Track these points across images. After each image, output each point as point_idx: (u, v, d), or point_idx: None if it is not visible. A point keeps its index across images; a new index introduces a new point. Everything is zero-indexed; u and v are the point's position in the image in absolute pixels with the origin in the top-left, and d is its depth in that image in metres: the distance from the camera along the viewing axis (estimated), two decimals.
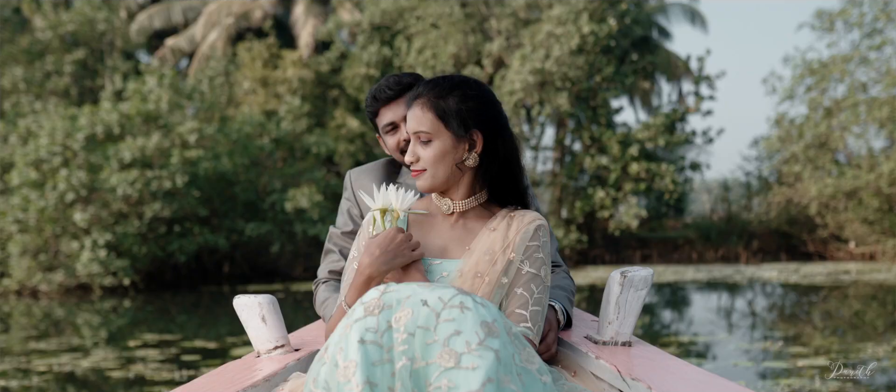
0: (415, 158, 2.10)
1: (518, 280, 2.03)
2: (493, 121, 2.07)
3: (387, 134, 2.63)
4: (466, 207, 2.13)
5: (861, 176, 20.46)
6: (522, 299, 2.01)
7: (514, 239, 2.04)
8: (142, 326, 11.45)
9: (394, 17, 21.55)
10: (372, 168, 2.81)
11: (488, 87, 2.12)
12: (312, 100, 21.80)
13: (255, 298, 2.27)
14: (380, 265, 2.01)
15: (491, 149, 2.07)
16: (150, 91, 17.38)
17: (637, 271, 2.19)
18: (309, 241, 19.20)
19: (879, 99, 20.41)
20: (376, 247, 2.03)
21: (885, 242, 20.94)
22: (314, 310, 2.81)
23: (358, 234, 2.25)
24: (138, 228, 16.86)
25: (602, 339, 2.21)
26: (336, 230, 2.81)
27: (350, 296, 2.06)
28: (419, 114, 2.08)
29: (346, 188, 2.84)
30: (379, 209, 2.11)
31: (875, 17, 20.54)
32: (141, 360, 8.07)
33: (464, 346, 1.59)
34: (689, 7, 25.28)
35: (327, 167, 21.41)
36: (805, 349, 7.75)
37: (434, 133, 2.06)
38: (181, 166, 17.01)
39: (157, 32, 25.88)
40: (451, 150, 2.06)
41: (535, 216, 2.10)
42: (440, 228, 2.16)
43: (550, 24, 19.52)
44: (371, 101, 2.64)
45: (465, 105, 2.05)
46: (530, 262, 2.04)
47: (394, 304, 1.67)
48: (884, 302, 12.39)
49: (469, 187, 2.12)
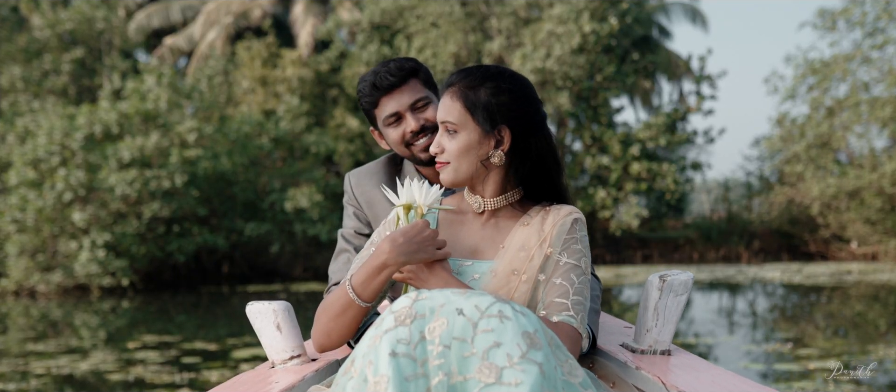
0: (440, 150, 1.99)
1: (556, 271, 1.91)
2: (526, 118, 1.95)
3: (389, 126, 2.44)
4: (498, 206, 2.01)
5: (863, 176, 20.40)
6: (562, 289, 1.89)
7: (550, 232, 1.93)
8: (141, 327, 11.34)
9: (394, 16, 21.45)
10: (372, 169, 2.63)
11: (526, 82, 1.99)
12: (312, 99, 21.68)
13: (269, 305, 2.14)
14: (399, 254, 1.87)
15: (521, 147, 1.95)
16: (149, 90, 17.29)
17: (677, 275, 2.06)
18: (309, 241, 19.12)
19: (881, 98, 20.33)
20: (401, 234, 1.89)
21: (887, 242, 20.87)
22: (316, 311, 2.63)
23: (378, 230, 2.13)
24: (137, 228, 16.76)
25: (640, 348, 2.09)
26: (348, 230, 2.62)
27: (358, 276, 1.92)
28: (448, 103, 1.97)
29: (346, 192, 2.66)
30: (403, 205, 1.99)
31: (877, 17, 20.45)
32: (140, 362, 7.96)
33: (505, 360, 1.48)
34: (690, 6, 25.21)
35: (327, 167, 21.31)
36: (814, 351, 7.64)
37: (460, 125, 1.94)
38: (180, 166, 16.92)
39: (156, 31, 25.79)
40: (476, 145, 1.94)
41: (572, 209, 1.98)
42: (471, 228, 2.04)
43: (551, 23, 19.44)
44: (370, 90, 2.42)
45: (495, 99, 1.93)
46: (568, 254, 1.93)
47: (427, 314, 1.55)
48: (885, 302, 12.31)
49: (499, 185, 2.00)
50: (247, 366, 7.46)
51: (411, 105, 2.41)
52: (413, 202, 1.98)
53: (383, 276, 1.90)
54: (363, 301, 1.92)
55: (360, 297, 1.92)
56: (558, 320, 1.86)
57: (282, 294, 15.39)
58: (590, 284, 1.98)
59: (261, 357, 7.90)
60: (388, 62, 2.41)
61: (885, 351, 7.56)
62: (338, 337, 1.98)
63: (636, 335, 2.14)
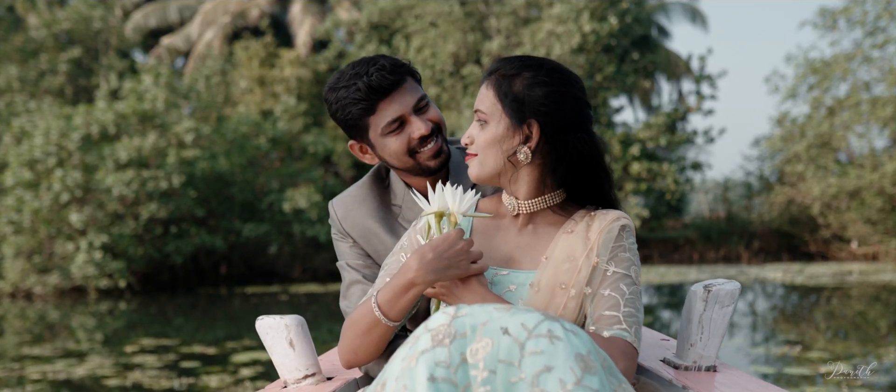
0: (469, 140, 1.85)
1: (604, 282, 1.77)
2: (560, 115, 1.79)
3: (389, 135, 2.10)
4: (534, 209, 1.86)
5: (864, 175, 20.32)
6: (612, 300, 1.74)
7: (596, 241, 1.79)
8: (138, 329, 11.23)
9: (392, 16, 21.34)
10: (357, 195, 2.31)
11: (570, 76, 1.84)
12: (310, 99, 21.58)
13: (281, 320, 1.98)
14: (428, 272, 1.72)
15: (555, 146, 1.79)
16: (146, 90, 17.19)
17: (722, 285, 1.92)
18: (307, 242, 19.03)
19: (882, 98, 20.25)
20: (430, 249, 1.74)
21: (888, 243, 20.78)
22: (317, 314, 2.46)
23: (408, 233, 1.97)
24: (134, 229, 16.66)
25: (683, 364, 1.94)
26: (351, 259, 2.27)
27: (385, 294, 1.78)
28: (483, 91, 1.84)
29: (333, 223, 2.32)
30: (433, 213, 1.83)
31: (878, 15, 20.35)
32: (138, 366, 7.83)
33: (557, 386, 1.33)
34: (690, 6, 25.11)
35: (325, 167, 21.21)
36: (824, 354, 7.53)
37: (490, 115, 1.82)
38: (178, 166, 16.83)
39: (153, 31, 25.67)
40: (502, 138, 1.80)
41: (619, 214, 1.83)
42: (506, 234, 1.89)
43: (551, 23, 19.34)
44: (366, 94, 2.07)
45: (528, 91, 1.79)
46: (616, 263, 1.78)
47: (468, 332, 1.41)
48: (887, 303, 12.24)
49: (534, 186, 1.84)
50: (247, 371, 7.33)
51: (414, 106, 2.12)
52: (445, 209, 1.82)
53: (411, 295, 1.76)
54: (390, 320, 1.79)
55: (387, 316, 1.79)
56: (610, 335, 1.72)
57: (283, 296, 15.29)
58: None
59: (261, 361, 7.78)
60: (375, 59, 2.11)
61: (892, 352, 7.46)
62: (365, 355, 1.85)
63: (678, 350, 1.99)
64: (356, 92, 2.08)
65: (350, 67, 2.13)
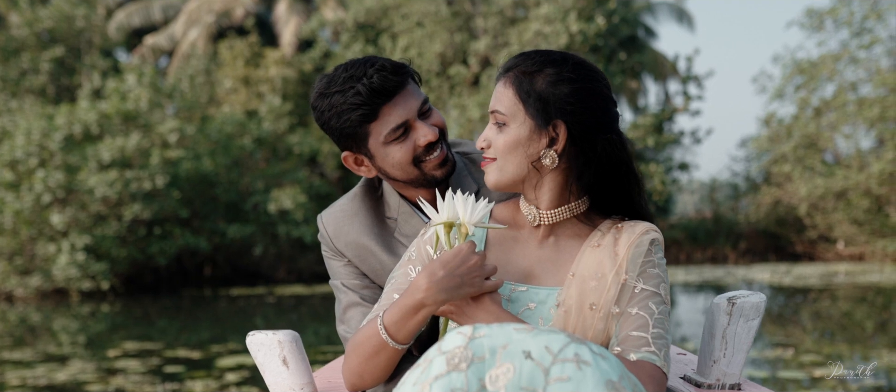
0: (486, 144, 1.71)
1: (632, 300, 1.63)
2: (588, 114, 1.65)
3: (392, 143, 1.93)
4: (557, 219, 1.71)
5: (850, 176, 20.35)
6: (640, 320, 1.61)
7: (625, 256, 1.65)
8: (121, 332, 11.07)
9: (378, 15, 21.22)
10: (348, 209, 2.12)
11: (596, 73, 1.70)
12: (295, 99, 21.45)
13: (274, 336, 1.84)
14: (439, 291, 1.58)
15: (582, 149, 1.66)
16: (130, 90, 17.05)
17: (747, 297, 1.79)
18: (292, 243, 18.92)
19: (869, 98, 20.30)
20: (441, 266, 1.59)
21: (874, 243, 20.83)
22: (304, 316, 2.29)
23: (416, 243, 1.82)
24: (117, 231, 16.48)
25: (706, 382, 1.82)
26: (346, 279, 2.09)
27: (391, 315, 1.64)
28: (501, 90, 1.69)
29: (324, 240, 2.14)
30: (443, 223, 1.67)
31: (864, 16, 20.41)
32: (121, 371, 7.67)
33: None
34: (676, 6, 25.09)
35: (310, 168, 21.07)
36: (817, 357, 7.46)
37: (511, 116, 1.67)
38: (161, 167, 16.67)
39: (136, 30, 25.46)
40: (525, 142, 1.66)
41: (648, 227, 1.70)
42: (526, 246, 1.74)
43: (538, 23, 19.24)
44: (368, 97, 1.88)
45: (554, 89, 1.65)
46: (645, 279, 1.64)
47: (487, 356, 1.28)
48: (873, 303, 12.24)
49: (558, 193, 1.70)
50: (233, 376, 7.19)
51: (419, 110, 1.95)
52: (455, 219, 1.66)
53: (421, 317, 1.62)
54: (398, 343, 1.65)
55: (394, 338, 1.65)
56: (638, 359, 1.58)
57: (269, 298, 15.15)
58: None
59: (247, 365, 7.64)
60: (366, 62, 1.93)
61: (891, 356, 7.38)
62: (371, 379, 1.71)
63: (700, 366, 1.87)
64: (355, 96, 1.90)
65: (341, 70, 1.94)
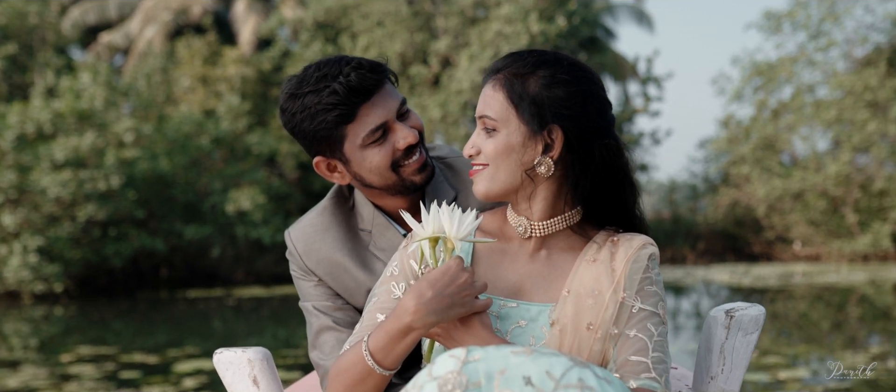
0: (475, 151, 1.60)
1: (630, 321, 1.54)
2: (586, 119, 1.56)
3: (370, 146, 1.82)
4: (550, 231, 1.61)
5: (807, 177, 20.59)
6: (639, 343, 1.51)
7: (622, 272, 1.55)
8: (75, 335, 10.88)
9: (338, 15, 21.10)
10: (318, 223, 1.98)
11: (591, 74, 1.61)
12: (254, 98, 21.25)
13: (243, 354, 1.72)
14: (428, 314, 1.47)
15: (579, 155, 1.56)
16: (84, 88, 16.83)
17: (746, 310, 1.71)
18: (251, 245, 18.75)
19: (825, 101, 20.55)
20: (429, 286, 1.47)
21: (830, 244, 21.09)
22: (264, 319, 2.15)
23: (398, 256, 1.70)
24: (71, 232, 16.20)
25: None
26: (317, 301, 1.95)
27: (377, 340, 1.52)
28: (490, 93, 1.58)
29: (293, 258, 1.99)
30: (428, 238, 1.55)
31: (821, 19, 20.66)
32: (75, 377, 7.48)
33: None
34: (636, 7, 25.18)
35: (269, 168, 20.88)
36: (780, 359, 7.46)
37: (502, 121, 1.57)
38: (117, 167, 16.42)
39: (91, 27, 25.08)
40: (519, 148, 1.56)
41: (645, 241, 1.60)
42: (515, 260, 1.64)
43: (499, 23, 19.23)
44: (345, 97, 1.76)
45: (548, 92, 1.55)
46: (643, 298, 1.55)
47: (483, 382, 1.19)
48: (829, 303, 12.38)
49: (551, 203, 1.60)
50: (191, 381, 7.03)
51: (397, 111, 1.84)
52: (441, 233, 1.54)
53: (409, 341, 1.51)
54: (385, 370, 1.54)
55: (381, 364, 1.53)
56: (638, 386, 1.49)
57: (228, 300, 14.98)
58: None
59: (205, 370, 7.49)
60: (341, 61, 1.82)
61: (853, 357, 7.41)
62: None
63: (696, 382, 1.78)
64: (331, 95, 1.78)
65: (313, 69, 1.82)
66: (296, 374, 6.90)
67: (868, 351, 7.67)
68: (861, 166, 20.76)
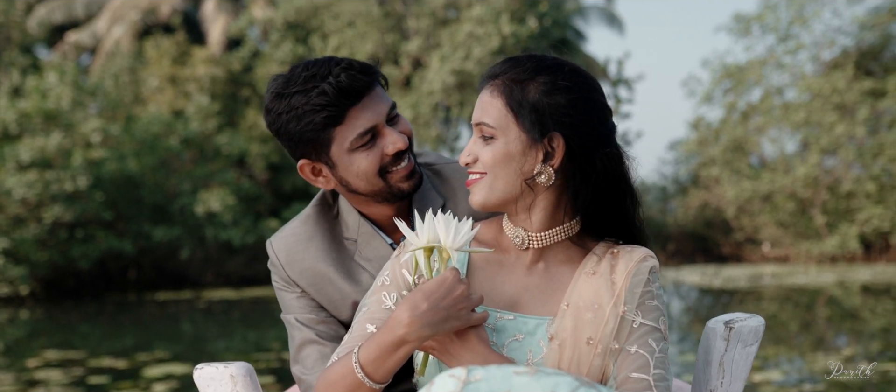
0: (472, 159, 1.55)
1: (631, 336, 1.49)
2: (589, 127, 1.52)
3: (358, 150, 1.76)
4: (548, 242, 1.56)
5: (776, 179, 20.74)
6: (640, 360, 1.47)
7: (623, 285, 1.51)
8: (42, 339, 10.71)
9: (308, 15, 20.99)
10: (302, 233, 1.91)
11: (591, 81, 1.56)
12: (223, 99, 21.09)
13: (225, 369, 1.65)
14: (422, 327, 1.42)
15: (580, 164, 1.51)
16: (51, 88, 16.66)
17: (745, 321, 1.66)
18: (220, 246, 18.60)
19: (794, 103, 20.71)
20: (424, 298, 1.42)
21: (798, 245, 21.26)
22: (235, 321, 2.08)
23: (390, 265, 1.65)
24: (37, 233, 15.99)
25: None
26: (300, 314, 1.87)
27: (368, 352, 1.47)
28: (487, 100, 1.54)
29: (275, 268, 1.92)
30: (422, 248, 1.50)
31: (790, 22, 20.81)
32: (42, 383, 7.34)
33: None
34: (607, 9, 25.25)
35: (239, 169, 20.72)
36: (756, 361, 7.47)
37: (500, 129, 1.52)
38: (84, 167, 16.26)
39: (58, 26, 24.79)
40: (518, 157, 1.51)
41: (646, 253, 1.56)
42: (512, 272, 1.59)
43: (470, 25, 19.20)
44: (335, 98, 1.70)
45: (549, 99, 1.50)
46: (643, 312, 1.51)
47: None
48: (797, 303, 12.44)
49: (550, 214, 1.55)
50: (160, 386, 6.92)
51: (387, 116, 1.78)
52: (436, 243, 1.49)
53: (401, 354, 1.46)
54: (376, 383, 1.48)
55: (371, 378, 1.48)
56: None
57: (199, 302, 14.83)
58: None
59: (175, 375, 7.38)
60: (330, 61, 1.76)
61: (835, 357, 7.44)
62: None
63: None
64: (320, 96, 1.71)
65: (300, 69, 1.76)
66: (268, 378, 6.81)
67: (840, 353, 7.70)
68: (829, 168, 20.93)
